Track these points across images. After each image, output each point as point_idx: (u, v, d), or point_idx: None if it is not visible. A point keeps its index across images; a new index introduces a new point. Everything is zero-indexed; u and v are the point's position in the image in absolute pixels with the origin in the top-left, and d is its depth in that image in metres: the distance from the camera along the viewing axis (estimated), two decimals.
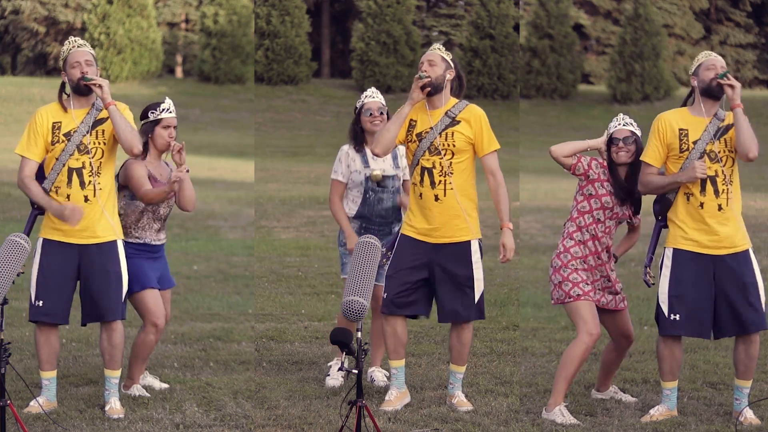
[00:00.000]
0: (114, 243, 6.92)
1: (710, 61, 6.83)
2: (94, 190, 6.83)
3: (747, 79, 52.74)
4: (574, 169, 7.03)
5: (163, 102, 7.38)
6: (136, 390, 7.36)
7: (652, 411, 6.88)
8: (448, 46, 51.15)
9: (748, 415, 6.80)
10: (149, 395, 7.28)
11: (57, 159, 6.83)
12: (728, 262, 6.75)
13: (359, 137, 7.70)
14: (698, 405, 7.20)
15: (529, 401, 7.25)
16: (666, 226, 6.93)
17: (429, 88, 6.93)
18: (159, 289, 7.40)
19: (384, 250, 7.24)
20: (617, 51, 43.67)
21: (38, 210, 6.97)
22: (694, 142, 6.75)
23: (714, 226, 6.73)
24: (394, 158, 7.73)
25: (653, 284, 6.96)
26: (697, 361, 8.42)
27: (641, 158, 6.88)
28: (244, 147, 32.31)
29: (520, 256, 14.19)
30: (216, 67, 43.00)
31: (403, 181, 7.76)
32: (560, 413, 6.77)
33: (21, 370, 7.60)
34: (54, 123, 6.87)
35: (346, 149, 7.73)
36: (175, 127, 7.36)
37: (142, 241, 7.33)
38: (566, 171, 7.12)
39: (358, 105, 7.73)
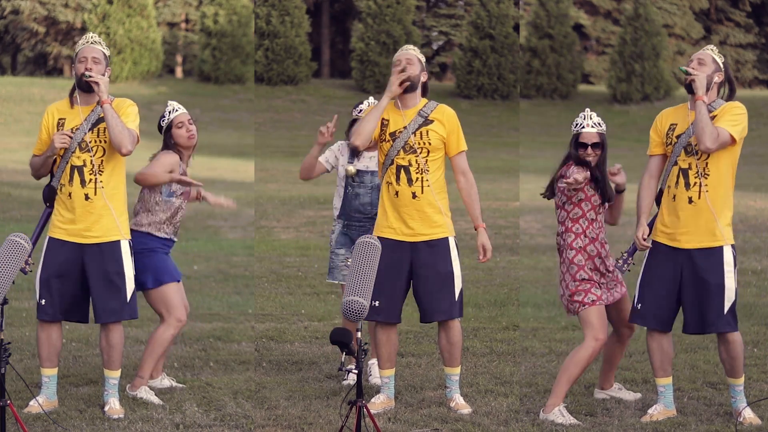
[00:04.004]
0: (117, 243, 6.90)
1: (692, 56, 6.90)
2: (95, 188, 6.84)
3: (747, 79, 52.75)
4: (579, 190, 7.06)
5: (167, 107, 7.45)
6: (144, 392, 7.24)
7: (650, 410, 6.88)
8: (448, 46, 51.21)
9: (748, 415, 6.80)
10: (158, 400, 7.18)
11: (62, 156, 6.86)
12: (695, 258, 6.76)
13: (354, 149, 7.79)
14: (698, 405, 7.20)
15: (529, 401, 7.24)
16: None
17: (408, 83, 6.97)
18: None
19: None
20: (617, 51, 43.66)
21: (51, 208, 6.99)
22: (678, 136, 6.79)
23: (684, 219, 6.77)
24: None
25: (627, 271, 7.11)
26: (697, 361, 8.42)
27: (648, 153, 6.97)
28: (244, 147, 32.32)
29: (520, 256, 14.19)
30: (216, 67, 42.99)
31: None
32: (560, 413, 6.77)
33: (21, 370, 7.61)
34: (59, 119, 6.90)
35: (341, 142, 7.93)
36: (189, 121, 7.42)
37: (169, 237, 7.38)
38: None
39: (355, 114, 7.84)
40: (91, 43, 6.93)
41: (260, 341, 9.04)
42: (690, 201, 6.75)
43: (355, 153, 7.77)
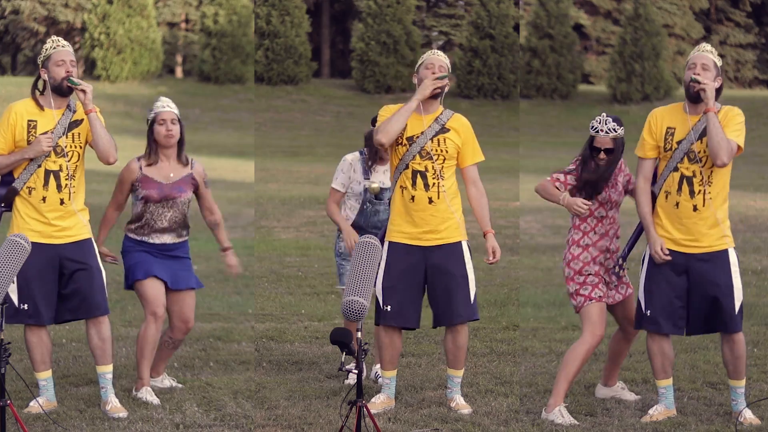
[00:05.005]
0: (89, 240, 6.96)
1: (692, 59, 6.80)
2: (69, 192, 6.83)
3: (747, 79, 52.75)
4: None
5: (157, 101, 7.37)
6: (146, 393, 7.22)
7: (651, 411, 6.88)
8: (448, 46, 51.21)
9: (748, 415, 6.80)
10: (157, 400, 7.17)
11: (32, 159, 6.78)
12: (702, 261, 6.75)
13: (377, 153, 7.74)
14: (698, 405, 7.20)
15: (529, 401, 7.24)
16: None
17: (439, 91, 6.96)
18: (171, 287, 7.36)
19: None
20: (617, 51, 43.67)
21: (5, 207, 6.92)
22: (678, 142, 6.75)
23: (689, 226, 6.74)
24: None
25: (622, 275, 7.04)
26: (697, 361, 8.42)
27: (635, 152, 6.91)
28: (244, 147, 32.31)
29: (521, 256, 14.19)
30: (216, 67, 42.99)
31: None
32: (559, 414, 6.77)
33: (21, 370, 7.60)
34: (29, 121, 6.80)
35: (350, 160, 7.81)
36: (173, 120, 7.26)
37: (139, 239, 7.33)
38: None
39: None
40: (63, 46, 6.88)
41: (260, 341, 9.04)
42: (695, 209, 6.72)
43: (368, 169, 7.73)
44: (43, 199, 6.81)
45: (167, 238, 7.37)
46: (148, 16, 42.73)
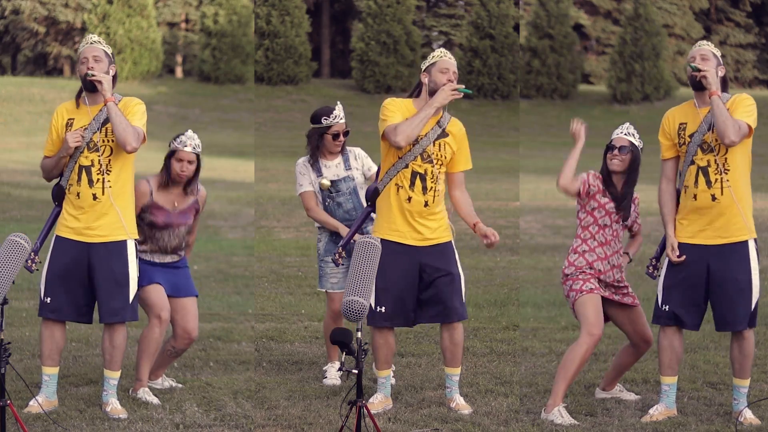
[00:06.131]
0: (123, 243, 6.91)
1: (691, 53, 6.88)
2: (103, 188, 6.85)
3: (747, 79, 52.76)
4: (583, 193, 7.04)
5: (184, 134, 7.37)
6: (144, 393, 7.23)
7: (651, 411, 6.88)
8: (448, 46, 51.22)
9: (748, 415, 6.80)
10: (156, 401, 7.18)
11: (71, 156, 6.87)
12: (722, 255, 6.74)
13: (319, 150, 7.82)
14: (698, 405, 7.20)
15: (529, 401, 7.25)
16: None
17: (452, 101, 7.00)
18: (170, 295, 7.38)
19: (340, 249, 7.34)
20: (617, 51, 43.70)
21: (59, 207, 6.99)
22: (691, 135, 6.77)
23: (708, 216, 6.74)
24: (346, 161, 7.86)
25: (658, 276, 7.03)
26: (697, 361, 8.42)
27: (661, 158, 6.93)
28: (244, 147, 32.32)
29: (520, 256, 14.19)
30: (216, 67, 43.01)
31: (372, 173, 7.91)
32: (559, 414, 6.77)
33: (21, 370, 7.60)
34: (68, 120, 6.92)
35: (302, 162, 7.87)
36: (190, 161, 7.27)
37: (140, 256, 7.34)
38: (576, 198, 7.11)
39: (324, 122, 7.79)
40: (91, 43, 6.95)
41: (260, 341, 9.04)
42: (713, 198, 6.71)
43: (318, 167, 7.77)
44: (78, 194, 6.87)
45: (168, 259, 7.44)
46: (148, 16, 42.73)
